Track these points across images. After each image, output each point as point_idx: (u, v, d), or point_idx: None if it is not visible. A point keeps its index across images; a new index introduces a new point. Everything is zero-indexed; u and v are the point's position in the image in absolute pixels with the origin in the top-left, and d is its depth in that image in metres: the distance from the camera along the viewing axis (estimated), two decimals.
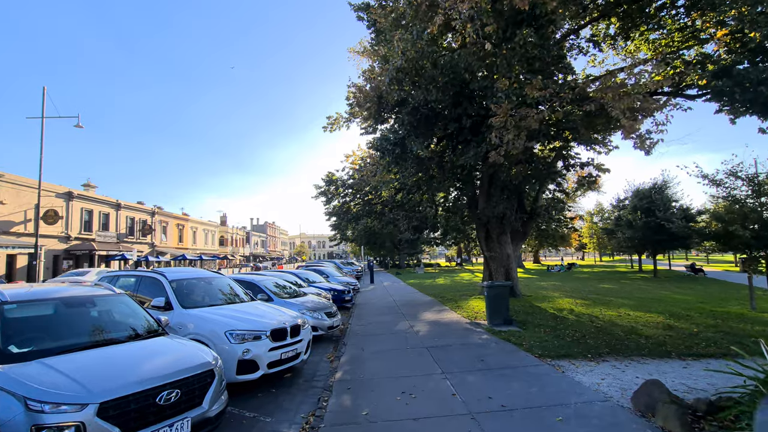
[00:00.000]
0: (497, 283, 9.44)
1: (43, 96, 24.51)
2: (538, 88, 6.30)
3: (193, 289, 6.47)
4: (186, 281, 6.44)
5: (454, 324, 9.72)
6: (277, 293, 9.24)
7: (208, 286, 6.78)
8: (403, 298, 15.92)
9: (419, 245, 56.90)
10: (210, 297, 6.53)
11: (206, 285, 6.77)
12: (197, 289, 6.55)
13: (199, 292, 6.53)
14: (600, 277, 30.74)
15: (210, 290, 6.72)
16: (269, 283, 9.68)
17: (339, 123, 17.75)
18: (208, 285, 6.81)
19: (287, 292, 9.71)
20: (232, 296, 6.85)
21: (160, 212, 49.14)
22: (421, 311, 12.06)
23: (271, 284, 9.68)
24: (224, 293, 6.85)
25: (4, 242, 27.12)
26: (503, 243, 14.30)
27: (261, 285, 9.09)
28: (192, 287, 6.46)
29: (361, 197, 16.88)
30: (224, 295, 6.80)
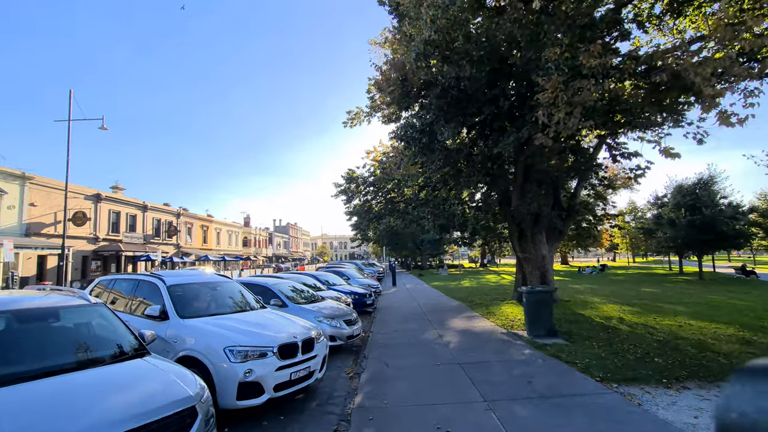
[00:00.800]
0: (538, 288, 8.31)
1: (70, 99, 24.90)
2: (596, 55, 5.22)
3: (195, 295, 5.71)
4: (187, 287, 5.69)
5: (489, 334, 8.65)
6: (292, 298, 8.44)
7: (212, 292, 6.02)
8: (429, 303, 14.91)
9: (441, 246, 55.58)
10: (214, 305, 5.77)
11: (210, 291, 6.01)
12: (200, 295, 5.79)
13: (203, 299, 5.77)
14: (638, 280, 28.68)
15: (215, 297, 5.96)
16: (285, 287, 8.92)
17: (360, 117, 16.95)
18: (213, 291, 6.04)
19: (303, 297, 8.91)
20: (240, 303, 6.07)
21: (185, 214, 49.91)
22: (449, 318, 11.03)
23: (287, 288, 8.90)
24: (231, 300, 6.07)
25: (35, 243, 27.78)
26: (538, 243, 13.06)
27: (275, 289, 8.32)
28: (194, 293, 5.70)
29: (383, 195, 15.99)
30: (231, 302, 6.02)
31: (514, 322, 9.64)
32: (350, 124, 16.85)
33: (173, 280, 5.62)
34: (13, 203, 27.18)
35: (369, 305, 13.95)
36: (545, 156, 9.16)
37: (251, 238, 72.99)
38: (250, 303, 6.26)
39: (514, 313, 10.85)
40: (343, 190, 16.51)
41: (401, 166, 10.17)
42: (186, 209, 51.10)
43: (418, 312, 12.64)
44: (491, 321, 10.09)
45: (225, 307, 5.80)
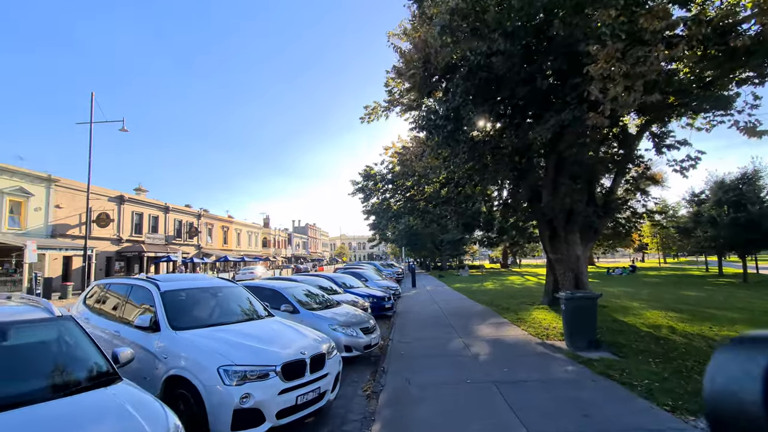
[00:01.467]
0: (580, 293, 7.35)
1: (92, 102, 25.21)
2: (661, 16, 4.30)
3: (193, 302, 5.09)
4: (183, 292, 5.07)
5: (522, 345, 7.74)
6: (305, 303, 7.78)
7: (213, 298, 5.38)
8: (451, 306, 14.03)
9: (461, 246, 54.29)
10: (215, 313, 5.13)
11: (211, 297, 5.37)
12: (199, 302, 5.17)
13: (202, 306, 5.14)
14: (674, 282, 26.88)
15: (216, 304, 5.33)
16: (297, 290, 8.26)
17: (377, 112, 16.21)
18: (214, 297, 5.41)
19: (317, 302, 8.24)
20: (245, 311, 5.42)
21: (205, 215, 50.49)
22: (476, 324, 10.14)
23: (299, 292, 8.25)
24: (235, 307, 5.43)
25: (61, 244, 28.32)
26: (571, 243, 12.00)
27: (286, 294, 7.67)
28: (191, 300, 5.08)
29: (402, 193, 15.21)
30: (235, 309, 5.37)
31: (549, 331, 8.69)
32: (367, 120, 16.15)
33: (168, 285, 5.01)
34: (39, 205, 27.81)
35: (388, 309, 13.20)
36: (585, 146, 8.17)
37: (271, 238, 73.51)
38: (256, 310, 5.60)
39: (547, 320, 9.87)
40: (361, 188, 15.81)
41: (423, 157, 9.38)
42: (207, 210, 51.70)
43: (440, 317, 11.80)
44: (522, 329, 9.16)
45: (227, 315, 5.15)
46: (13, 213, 26.23)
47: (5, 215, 25.48)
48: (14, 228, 25.99)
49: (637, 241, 59.77)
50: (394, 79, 9.85)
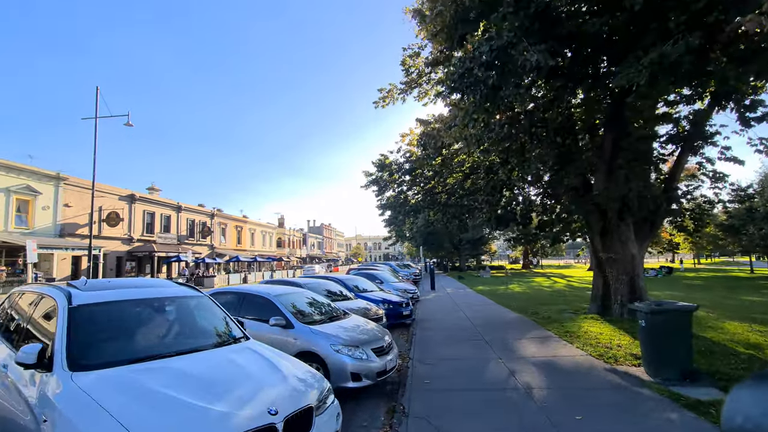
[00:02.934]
0: (667, 304, 5.43)
1: (96, 96, 24.36)
2: None
3: (124, 322, 3.46)
4: (109, 307, 3.44)
5: (586, 372, 5.88)
6: (302, 314, 6.11)
7: (158, 315, 3.74)
8: (479, 313, 12.17)
9: (481, 246, 52.01)
10: (154, 339, 3.50)
11: (155, 314, 3.72)
12: (134, 321, 3.53)
13: (137, 328, 3.51)
14: (723, 285, 24.19)
15: (162, 324, 3.69)
16: (296, 298, 6.61)
17: (393, 95, 14.50)
18: (160, 313, 3.76)
19: (321, 312, 6.57)
20: (202, 334, 3.78)
21: (219, 214, 49.81)
22: (514, 338, 8.30)
23: (299, 300, 6.60)
24: (188, 328, 3.79)
25: (69, 244, 27.67)
26: (626, 239, 10.01)
27: (277, 303, 6.02)
28: (121, 319, 3.45)
29: (421, 185, 13.42)
30: (187, 331, 3.73)
31: (615, 351, 6.77)
32: (382, 104, 14.48)
33: (87, 297, 3.37)
34: (47, 204, 27.21)
35: (406, 317, 11.45)
36: (655, 119, 6.22)
37: (285, 238, 72.75)
38: (222, 332, 3.94)
39: (605, 336, 7.93)
40: (375, 179, 14.13)
41: (454, 125, 7.68)
42: (220, 210, 51.03)
43: (468, 327, 9.98)
44: (577, 347, 7.26)
45: (174, 341, 3.51)
46: (21, 212, 25.65)
47: (12, 214, 24.89)
48: (21, 227, 25.40)
49: (667, 240, 56.22)
50: (417, 19, 8.02)
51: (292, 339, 5.55)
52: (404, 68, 14.07)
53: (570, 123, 9.19)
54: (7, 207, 24.51)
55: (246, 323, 5.94)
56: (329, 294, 9.81)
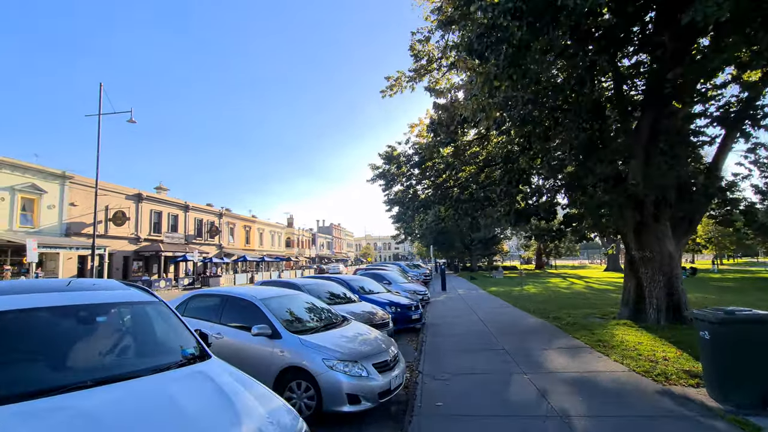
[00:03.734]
0: (744, 312, 4.37)
1: (100, 93, 23.98)
2: None
3: (14, 342, 2.57)
4: (17, 316, 2.57)
5: (633, 393, 4.84)
6: (294, 322, 5.21)
7: (75, 329, 2.80)
8: (494, 317, 11.14)
9: (493, 246, 50.65)
10: (63, 363, 2.59)
11: (70, 328, 2.78)
12: (29, 340, 2.61)
13: (37, 349, 2.60)
14: (756, 286, 22.69)
15: (78, 342, 2.78)
16: (289, 302, 5.73)
17: (401, 83, 13.56)
18: (78, 328, 2.83)
19: (316, 318, 5.66)
20: (145, 352, 2.89)
21: (227, 214, 49.47)
22: (539, 347, 7.27)
23: (293, 304, 5.71)
24: (120, 347, 2.89)
25: (75, 243, 27.39)
26: (662, 236, 8.91)
27: (263, 308, 5.12)
28: (11, 337, 2.56)
29: (432, 176, 12.41)
30: (117, 352, 2.83)
31: (663, 367, 5.71)
32: (389, 93, 13.55)
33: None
34: (53, 203, 26.95)
35: (415, 321, 10.50)
36: (700, 96, 5.13)
37: (294, 238, 72.35)
38: (174, 348, 3.04)
39: (646, 347, 6.85)
40: (382, 173, 13.17)
41: (472, 95, 6.72)
42: (229, 209, 50.69)
43: (483, 333, 8.97)
44: (615, 360, 6.21)
45: (102, 364, 2.63)
46: (26, 211, 25.40)
47: (17, 213, 24.65)
48: (27, 226, 25.14)
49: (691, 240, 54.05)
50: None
51: (278, 351, 4.65)
52: (413, 54, 13.12)
53: (600, 104, 8.13)
54: (11, 206, 24.26)
55: (226, 332, 5.08)
56: (332, 296, 8.93)
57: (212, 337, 5.13)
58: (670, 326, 8.52)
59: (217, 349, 5.07)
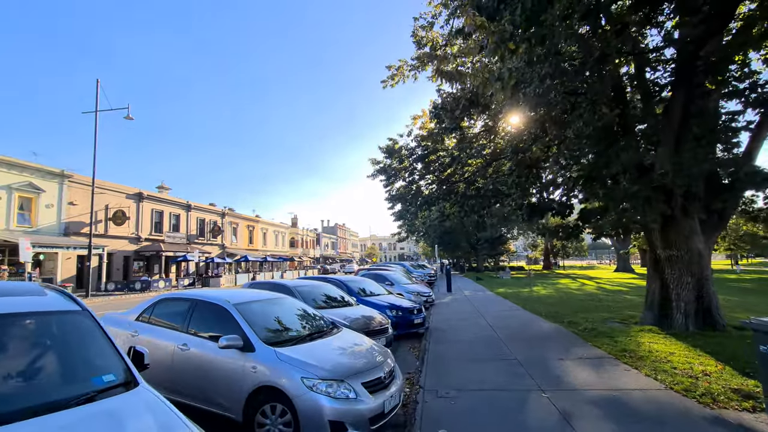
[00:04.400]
0: None
1: (97, 89, 23.53)
2: None
3: None
4: None
5: (678, 419, 4.03)
6: (271, 330, 4.46)
7: None
8: (504, 321, 10.33)
9: (499, 246, 49.65)
10: None
11: None
12: None
13: None
14: None
15: None
16: (269, 307, 4.99)
17: (403, 72, 12.80)
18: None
19: (301, 325, 4.91)
20: (44, 382, 2.15)
21: (230, 213, 49.01)
22: (555, 358, 6.46)
23: (275, 310, 4.98)
24: (12, 375, 2.14)
25: (75, 243, 26.93)
26: (690, 233, 8.05)
27: (236, 315, 4.37)
28: None
29: (436, 171, 11.61)
30: (11, 381, 2.10)
31: (702, 383, 4.88)
32: (391, 83, 12.76)
33: None
34: (51, 202, 26.53)
35: (418, 325, 9.73)
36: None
37: (298, 238, 71.87)
38: (87, 376, 2.30)
39: (680, 358, 6.01)
40: (383, 168, 12.39)
41: (485, 58, 5.95)
42: (232, 209, 50.22)
43: (493, 340, 8.17)
44: (647, 374, 5.38)
45: None
46: (23, 210, 24.99)
47: (14, 212, 24.23)
48: (24, 225, 24.72)
49: None
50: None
51: (251, 368, 3.91)
52: (415, 40, 12.34)
53: (621, 86, 7.30)
54: (9, 205, 23.85)
55: (193, 342, 4.35)
56: (327, 299, 8.20)
57: (178, 348, 4.42)
58: (701, 333, 7.67)
59: (181, 364, 4.35)
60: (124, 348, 2.62)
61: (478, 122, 12.86)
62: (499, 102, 7.04)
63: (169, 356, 4.42)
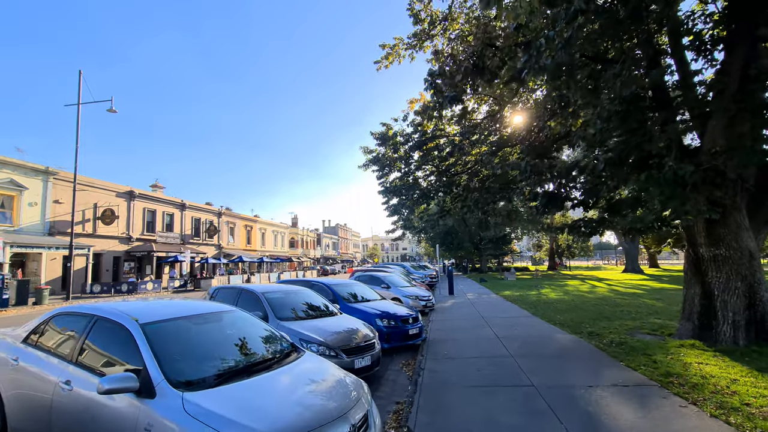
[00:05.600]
0: None
1: (79, 81, 22.33)
2: None
3: None
4: None
5: None
6: (193, 364, 3.14)
7: None
8: (513, 332, 8.96)
9: (503, 246, 48.17)
10: None
11: None
12: None
13: None
14: None
15: None
16: (207, 327, 3.68)
17: (398, 52, 11.52)
18: None
19: (247, 353, 3.59)
20: None
21: (227, 213, 47.84)
22: (582, 384, 5.11)
23: (219, 331, 3.67)
24: None
25: (60, 243, 25.77)
26: (737, 227, 6.69)
27: (142, 344, 3.04)
28: None
29: (436, 158, 10.25)
30: None
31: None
32: (385, 64, 11.48)
33: None
34: (35, 200, 25.37)
35: (413, 336, 8.40)
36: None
37: (298, 239, 70.70)
38: None
39: (745, 386, 4.64)
40: (376, 158, 11.04)
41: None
42: (229, 209, 49.06)
43: (502, 358, 6.81)
44: (712, 413, 4.02)
45: None
46: (4, 208, 23.86)
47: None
48: (5, 224, 23.58)
49: None
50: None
51: (144, 426, 2.58)
52: (412, 14, 11.03)
53: (658, 50, 5.95)
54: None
55: (78, 380, 3.03)
56: (305, 309, 6.88)
57: (59, 387, 3.10)
58: (757, 349, 6.30)
59: (61, 412, 3.02)
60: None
61: (482, 106, 11.54)
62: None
63: (48, 399, 3.11)
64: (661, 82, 6.32)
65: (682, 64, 6.71)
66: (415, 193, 10.60)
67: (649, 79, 5.48)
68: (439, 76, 6.31)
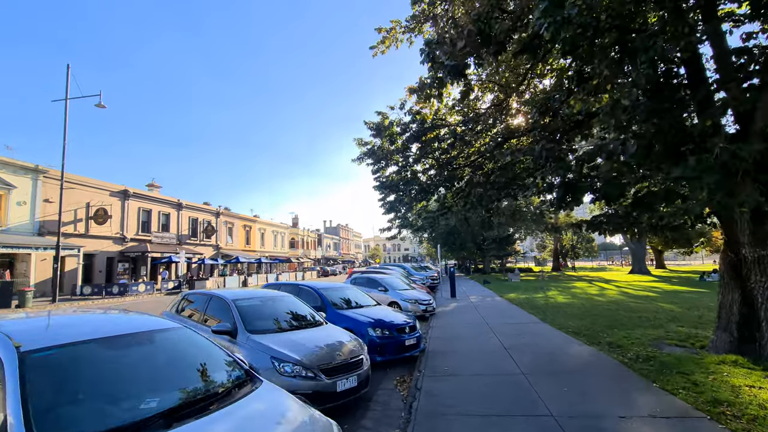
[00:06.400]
0: None
1: (67, 76, 21.56)
2: None
3: None
4: None
5: None
6: (69, 422, 2.25)
7: None
8: (522, 342, 8.02)
9: (507, 246, 47.16)
10: None
11: None
12: None
13: None
14: None
15: None
16: (128, 353, 2.78)
17: (395, 36, 10.62)
18: None
19: (186, 388, 2.71)
20: None
21: (225, 213, 47.05)
22: (611, 413, 4.19)
23: (153, 356, 2.78)
24: None
25: (50, 243, 24.97)
26: None
27: (10, 374, 2.17)
28: None
29: (437, 149, 9.32)
30: None
31: None
32: (381, 49, 10.59)
33: None
34: (24, 199, 24.60)
35: (410, 348, 7.48)
36: None
37: (299, 239, 69.89)
38: None
39: None
40: (371, 150, 10.13)
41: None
42: (227, 208, 48.27)
43: (511, 376, 5.88)
44: None
45: None
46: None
47: None
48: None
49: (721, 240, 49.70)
50: None
51: None
52: None
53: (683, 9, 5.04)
54: None
55: None
56: (281, 319, 5.97)
57: None
58: None
59: None
60: None
61: (486, 95, 10.61)
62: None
63: None
64: (696, 54, 5.39)
65: (717, 35, 5.78)
66: (413, 189, 9.71)
67: (682, 46, 4.54)
68: (437, 45, 5.41)
